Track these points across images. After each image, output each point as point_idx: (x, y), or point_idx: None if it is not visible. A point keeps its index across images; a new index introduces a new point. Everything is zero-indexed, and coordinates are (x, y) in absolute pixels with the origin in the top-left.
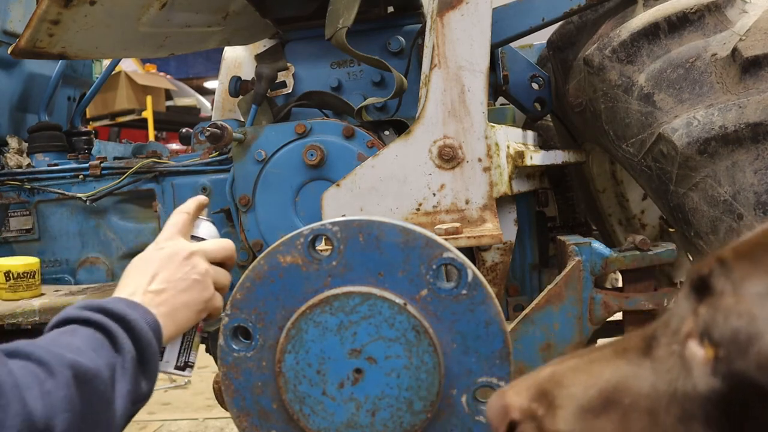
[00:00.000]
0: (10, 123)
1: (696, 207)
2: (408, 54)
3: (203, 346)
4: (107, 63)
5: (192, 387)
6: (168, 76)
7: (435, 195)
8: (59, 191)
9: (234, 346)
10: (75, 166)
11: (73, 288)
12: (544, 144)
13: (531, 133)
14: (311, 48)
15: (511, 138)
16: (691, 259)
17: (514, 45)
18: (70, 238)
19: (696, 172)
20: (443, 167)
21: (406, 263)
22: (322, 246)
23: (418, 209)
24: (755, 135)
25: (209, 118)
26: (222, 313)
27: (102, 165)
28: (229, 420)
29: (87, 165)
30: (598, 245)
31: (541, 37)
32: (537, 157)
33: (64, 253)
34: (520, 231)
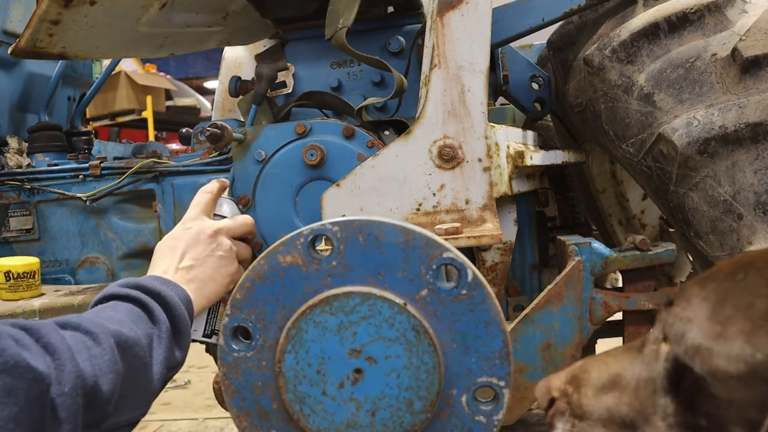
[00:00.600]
0: (10, 123)
1: (696, 207)
2: (408, 54)
3: (203, 346)
4: (107, 63)
5: (192, 387)
6: (168, 76)
7: (435, 195)
8: (59, 191)
9: (234, 346)
10: (75, 166)
11: (73, 288)
12: (544, 144)
13: (531, 133)
14: (311, 48)
15: (511, 138)
16: (691, 259)
17: (514, 45)
18: (70, 238)
19: (696, 172)
20: (443, 167)
21: (406, 263)
22: (322, 246)
23: (418, 209)
24: (755, 135)
25: (209, 118)
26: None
27: (102, 165)
28: (229, 420)
29: (87, 165)
30: (598, 245)
31: (541, 37)
32: (537, 157)
33: (64, 253)
34: (520, 231)
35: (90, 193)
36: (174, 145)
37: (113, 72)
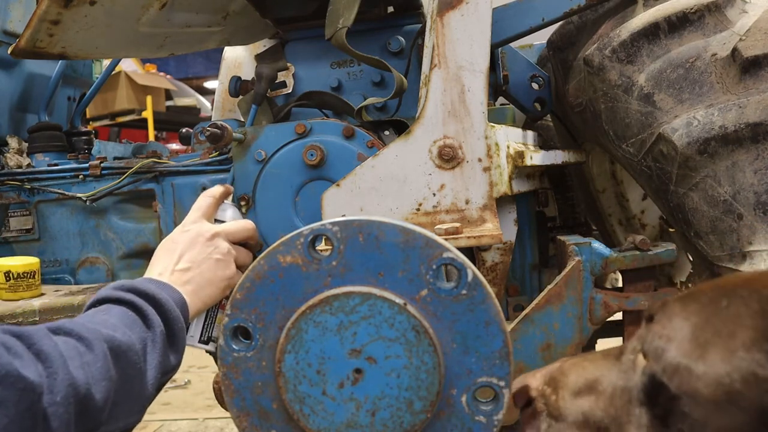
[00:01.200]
0: (10, 123)
1: (696, 207)
2: (408, 54)
3: None
4: (107, 63)
5: (192, 387)
6: (168, 76)
7: (435, 195)
8: (59, 191)
9: (234, 346)
10: (75, 166)
11: (73, 288)
12: (544, 144)
13: (531, 133)
14: (311, 48)
15: (511, 138)
16: (691, 259)
17: (514, 45)
18: (70, 238)
19: (696, 172)
20: (443, 167)
21: (406, 263)
22: (322, 246)
23: (418, 209)
24: (755, 135)
25: (209, 118)
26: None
27: (102, 165)
28: (229, 420)
29: (87, 165)
30: (598, 245)
31: (541, 37)
32: (537, 157)
33: (64, 253)
34: (520, 231)
35: (90, 193)
36: (174, 145)
37: (113, 72)
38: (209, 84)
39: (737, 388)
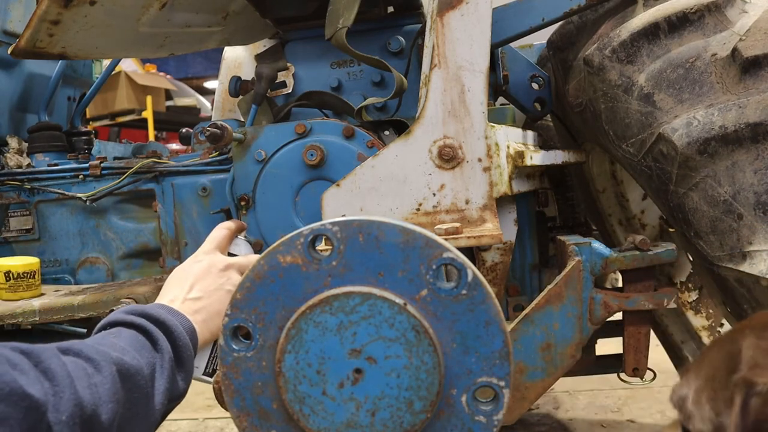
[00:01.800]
0: (10, 123)
1: (696, 207)
2: (408, 54)
3: None
4: (107, 63)
5: (192, 387)
6: (168, 76)
7: (435, 195)
8: (59, 191)
9: (234, 346)
10: (75, 166)
11: (73, 288)
12: (544, 144)
13: (531, 133)
14: (311, 48)
15: (511, 138)
16: (691, 259)
17: (514, 45)
18: (70, 238)
19: (696, 172)
20: (443, 167)
21: (406, 263)
22: (322, 246)
23: (418, 209)
24: (755, 135)
25: (209, 118)
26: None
27: (102, 165)
28: (229, 420)
29: (87, 165)
30: (598, 245)
31: (541, 37)
32: (537, 157)
33: (64, 253)
34: (520, 231)
35: (90, 193)
36: (174, 145)
37: (113, 72)
38: (209, 84)
39: (722, 421)
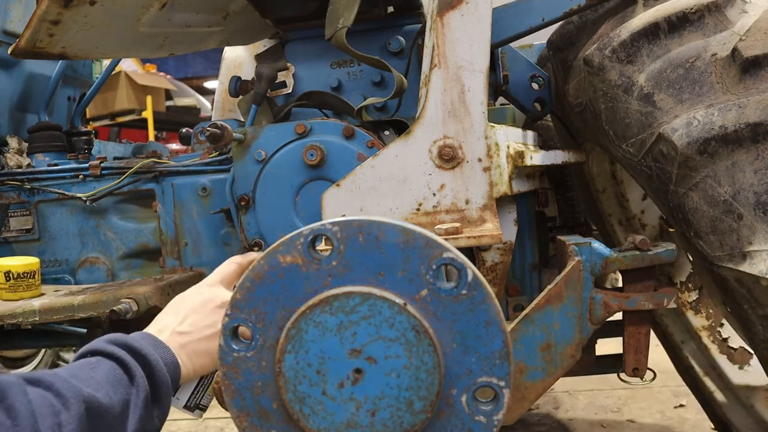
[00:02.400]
0: (10, 123)
1: (696, 207)
2: (408, 54)
3: None
4: (107, 63)
5: None
6: (168, 76)
7: (435, 195)
8: (59, 191)
9: (234, 346)
10: (75, 166)
11: (73, 288)
12: (544, 144)
13: (531, 133)
14: (311, 48)
15: (511, 138)
16: (691, 259)
17: (514, 45)
18: (70, 238)
19: (696, 172)
20: (443, 167)
21: (406, 263)
22: (322, 246)
23: (418, 209)
24: (755, 135)
25: (209, 118)
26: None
27: (102, 165)
28: (229, 420)
29: (87, 165)
30: (598, 245)
31: (541, 37)
32: (537, 157)
33: (64, 253)
34: (520, 231)
35: (90, 193)
36: (174, 145)
37: (113, 72)
38: (209, 84)
39: None
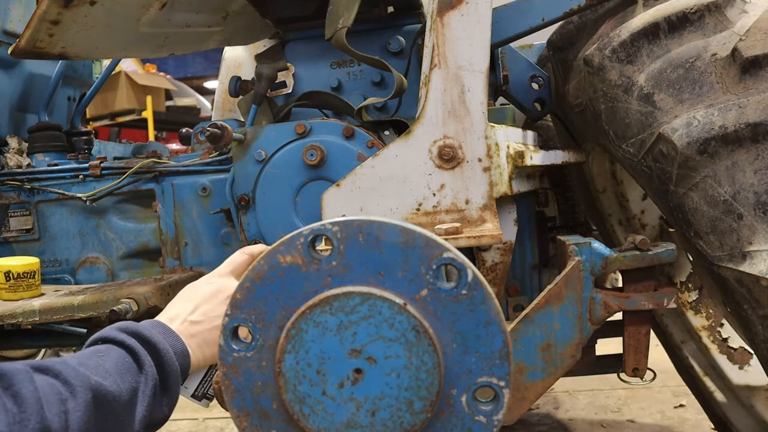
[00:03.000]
0: (10, 123)
1: (696, 207)
2: (408, 54)
3: None
4: (107, 63)
5: None
6: (168, 76)
7: (435, 195)
8: (59, 191)
9: (234, 346)
10: (75, 166)
11: (73, 288)
12: (544, 144)
13: (531, 133)
14: (311, 48)
15: (511, 138)
16: (691, 259)
17: (514, 45)
18: (70, 238)
19: (696, 172)
20: (443, 167)
21: (406, 263)
22: (322, 246)
23: (418, 209)
24: (755, 135)
25: (209, 118)
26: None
27: (102, 165)
28: (229, 420)
29: (87, 165)
30: (598, 245)
31: (541, 37)
32: (537, 157)
33: (64, 253)
34: (520, 231)
35: (90, 193)
36: (174, 145)
37: (113, 72)
38: (209, 84)
39: None
